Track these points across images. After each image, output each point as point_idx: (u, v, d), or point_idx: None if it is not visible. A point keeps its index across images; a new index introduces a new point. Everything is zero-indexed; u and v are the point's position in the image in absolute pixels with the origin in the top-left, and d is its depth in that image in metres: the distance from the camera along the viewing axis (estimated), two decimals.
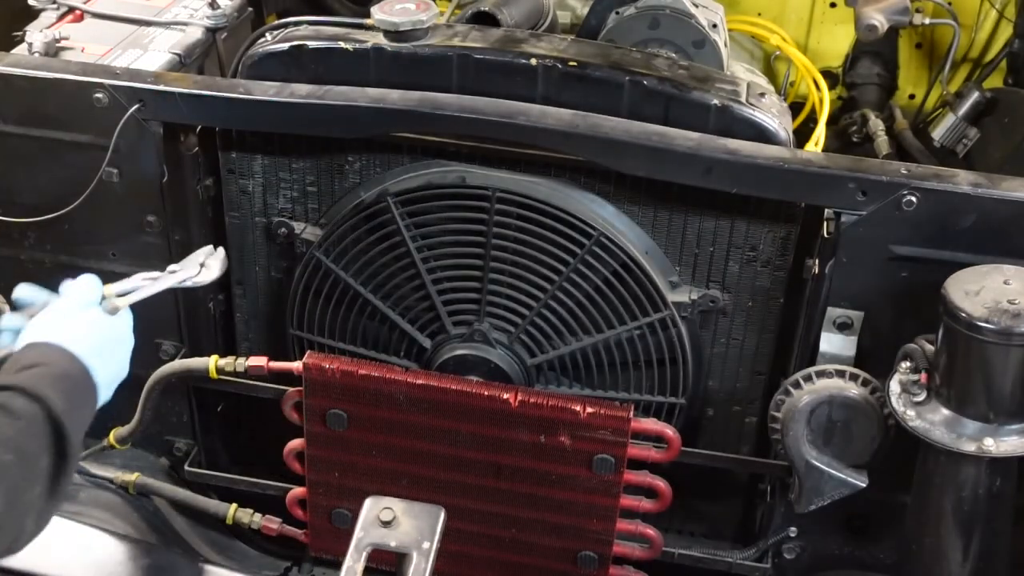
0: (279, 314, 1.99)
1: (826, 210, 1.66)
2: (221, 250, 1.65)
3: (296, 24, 1.88)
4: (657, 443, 1.80)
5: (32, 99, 1.77)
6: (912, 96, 2.79)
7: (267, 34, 1.86)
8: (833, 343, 1.70)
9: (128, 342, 1.48)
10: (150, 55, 1.97)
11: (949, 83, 2.54)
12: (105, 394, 1.39)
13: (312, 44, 1.80)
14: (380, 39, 1.79)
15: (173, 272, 1.60)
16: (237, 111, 1.74)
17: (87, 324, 1.41)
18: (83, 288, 1.46)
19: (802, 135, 2.28)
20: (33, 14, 2.11)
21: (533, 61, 1.73)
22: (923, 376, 1.51)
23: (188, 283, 1.61)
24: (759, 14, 2.70)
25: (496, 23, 1.98)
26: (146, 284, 1.55)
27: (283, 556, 2.16)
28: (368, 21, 1.83)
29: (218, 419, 2.13)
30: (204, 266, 1.62)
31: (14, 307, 1.47)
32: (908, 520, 1.62)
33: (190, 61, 2.00)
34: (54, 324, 1.38)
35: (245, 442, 2.20)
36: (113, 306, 1.49)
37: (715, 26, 2.08)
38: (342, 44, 1.79)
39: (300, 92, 1.73)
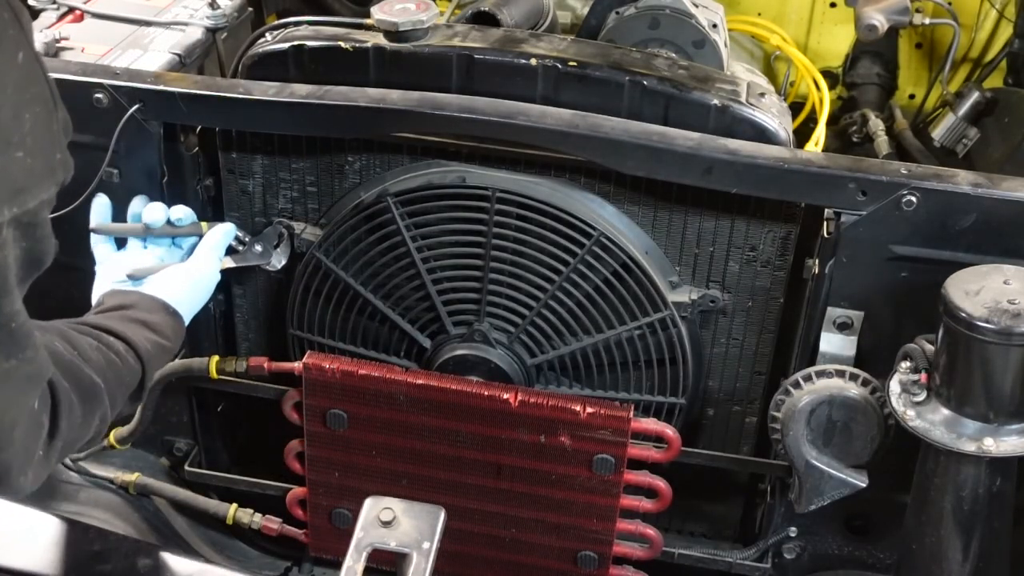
0: (279, 314, 1.99)
1: (826, 210, 1.66)
2: (286, 243, 1.86)
3: (296, 24, 1.88)
4: (657, 443, 1.80)
5: None
6: (912, 96, 2.79)
7: (267, 34, 1.86)
8: (833, 343, 1.70)
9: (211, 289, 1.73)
10: (150, 55, 1.96)
11: (949, 83, 2.54)
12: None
13: (312, 44, 1.80)
14: (380, 39, 1.79)
15: (257, 251, 1.84)
16: (237, 111, 1.74)
17: (202, 291, 1.67)
18: (218, 242, 1.73)
19: (802, 135, 2.28)
20: (33, 14, 2.11)
21: (533, 61, 1.73)
22: (923, 376, 1.50)
23: (262, 264, 1.85)
24: (759, 14, 2.70)
25: (496, 23, 1.98)
26: (240, 251, 1.82)
27: (283, 556, 2.16)
28: (368, 21, 1.83)
29: (218, 419, 2.13)
30: (276, 252, 1.85)
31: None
32: (908, 520, 1.62)
33: (190, 61, 2.00)
34: (183, 288, 1.63)
35: (245, 442, 2.20)
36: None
37: (715, 26, 2.08)
38: (342, 44, 1.79)
39: (300, 92, 1.73)
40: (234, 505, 2.03)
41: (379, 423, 1.82)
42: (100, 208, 1.71)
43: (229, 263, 1.79)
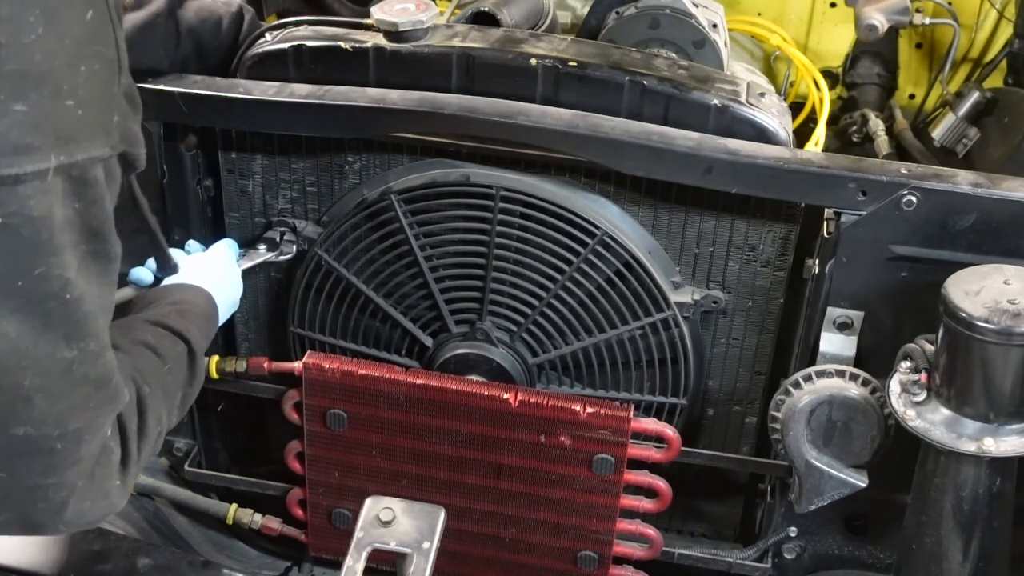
0: (279, 314, 1.99)
1: (826, 210, 1.66)
2: (289, 236, 1.88)
3: (296, 24, 1.88)
4: (657, 443, 1.80)
5: None
6: (912, 96, 2.79)
7: (267, 34, 1.86)
8: (833, 343, 1.70)
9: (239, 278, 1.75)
10: None
11: (949, 83, 2.54)
12: (224, 318, 1.65)
13: (312, 44, 1.80)
14: (380, 39, 1.79)
15: (262, 250, 1.86)
16: (237, 111, 1.74)
17: (219, 265, 1.69)
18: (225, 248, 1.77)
19: (802, 135, 2.28)
20: None
21: (533, 61, 1.73)
22: (923, 376, 1.50)
23: (271, 258, 1.87)
24: (759, 14, 2.71)
25: (496, 23, 1.98)
26: (249, 254, 1.85)
27: (283, 556, 2.16)
28: (368, 21, 1.83)
29: (218, 419, 2.13)
30: (282, 244, 1.87)
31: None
32: (908, 520, 1.62)
33: None
34: (196, 270, 1.63)
35: (245, 442, 2.20)
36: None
37: (715, 26, 2.08)
38: (342, 44, 1.79)
39: (300, 92, 1.73)
40: (234, 505, 2.03)
41: (379, 423, 1.82)
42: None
43: (244, 264, 1.81)
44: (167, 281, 1.60)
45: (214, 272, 1.65)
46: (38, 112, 0.98)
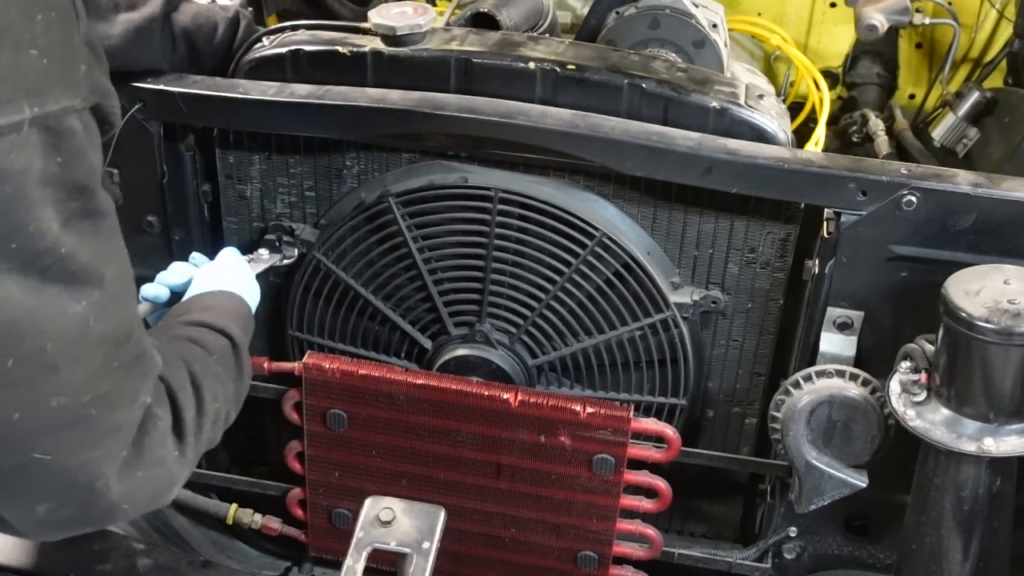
0: (277, 318, 1.99)
1: (826, 210, 1.66)
2: (288, 240, 1.87)
3: (293, 28, 1.87)
4: (657, 443, 1.80)
5: None
6: (912, 96, 2.79)
7: (263, 39, 1.86)
8: (833, 343, 1.70)
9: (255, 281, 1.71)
10: None
11: (949, 83, 2.54)
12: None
13: (309, 49, 1.80)
14: (377, 43, 1.78)
15: (264, 255, 1.84)
16: (237, 111, 1.74)
17: (235, 271, 1.64)
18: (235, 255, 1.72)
19: (802, 135, 2.28)
20: None
21: (531, 65, 1.73)
22: (923, 376, 1.51)
23: (276, 263, 1.85)
24: (759, 14, 2.71)
25: (495, 24, 1.98)
26: (255, 258, 1.82)
27: (283, 556, 2.16)
28: (365, 25, 1.83)
29: None
30: (283, 248, 1.86)
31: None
32: (908, 520, 1.62)
33: None
34: (216, 277, 1.59)
35: (245, 442, 2.20)
36: None
37: (715, 26, 2.08)
38: (339, 49, 1.78)
39: (300, 92, 1.73)
40: (234, 505, 2.03)
41: (379, 423, 1.82)
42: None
43: (253, 269, 1.76)
44: (188, 294, 1.58)
45: (233, 278, 1.62)
46: (2, 64, 0.96)
